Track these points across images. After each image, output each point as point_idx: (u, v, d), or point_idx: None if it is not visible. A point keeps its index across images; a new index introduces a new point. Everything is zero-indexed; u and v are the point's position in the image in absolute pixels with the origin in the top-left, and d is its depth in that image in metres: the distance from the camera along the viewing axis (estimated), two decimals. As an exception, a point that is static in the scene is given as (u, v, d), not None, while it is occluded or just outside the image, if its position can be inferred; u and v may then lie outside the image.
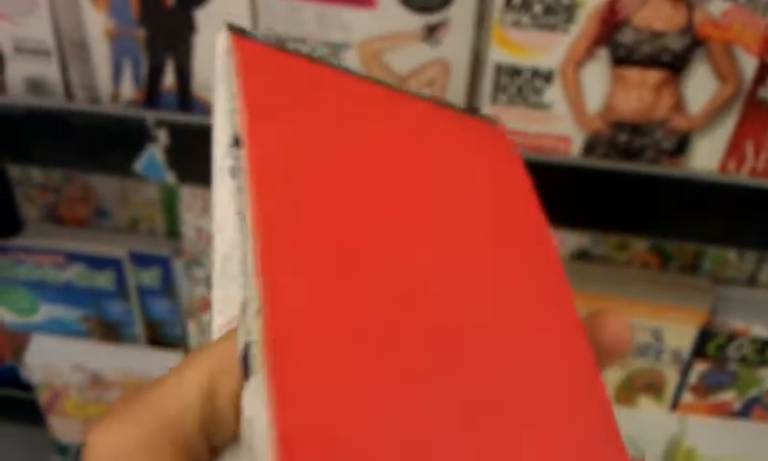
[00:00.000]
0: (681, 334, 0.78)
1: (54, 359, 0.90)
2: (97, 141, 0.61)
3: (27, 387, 0.95)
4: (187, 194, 0.77)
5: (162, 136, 0.59)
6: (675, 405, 0.84)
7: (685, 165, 0.57)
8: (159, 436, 0.27)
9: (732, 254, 0.78)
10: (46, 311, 0.89)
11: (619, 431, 0.30)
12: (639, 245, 0.77)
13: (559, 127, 0.56)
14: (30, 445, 1.03)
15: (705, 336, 0.78)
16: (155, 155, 0.60)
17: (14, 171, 0.84)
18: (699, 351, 0.79)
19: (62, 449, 0.99)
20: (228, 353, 0.29)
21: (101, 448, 0.27)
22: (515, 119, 0.57)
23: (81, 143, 0.61)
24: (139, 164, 0.61)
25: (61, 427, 0.97)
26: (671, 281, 0.77)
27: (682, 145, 0.57)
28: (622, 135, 0.56)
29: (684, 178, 0.56)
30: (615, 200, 0.57)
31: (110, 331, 0.89)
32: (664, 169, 0.56)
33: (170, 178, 0.61)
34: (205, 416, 0.28)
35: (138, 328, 0.88)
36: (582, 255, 0.78)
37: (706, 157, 0.57)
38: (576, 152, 0.57)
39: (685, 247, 0.77)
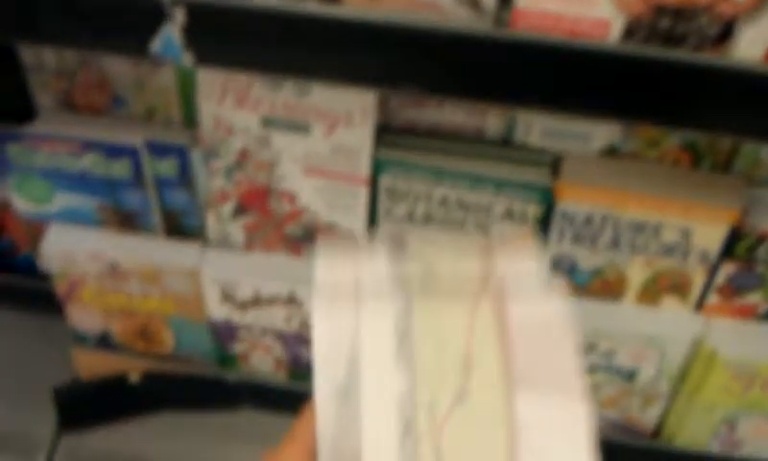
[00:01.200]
0: (710, 234, 0.76)
1: (71, 248, 0.89)
2: (111, 20, 0.59)
3: (44, 277, 0.95)
4: (204, 81, 0.75)
5: (179, 15, 0.56)
6: (699, 307, 0.83)
7: (729, 54, 0.54)
8: None
9: (766, 154, 0.75)
10: (62, 200, 0.87)
11: None
12: (671, 142, 0.75)
13: (597, 10, 0.53)
14: (48, 335, 1.03)
15: (734, 237, 0.76)
16: (171, 35, 0.58)
17: (28, 56, 0.81)
18: (727, 251, 0.77)
19: (80, 339, 0.99)
20: None
21: None
22: (550, 0, 0.54)
23: (95, 22, 0.59)
24: (155, 45, 0.58)
25: (79, 317, 0.97)
26: (702, 180, 0.75)
27: (726, 32, 0.54)
28: (664, 21, 0.53)
29: (728, 67, 0.53)
30: (654, 89, 0.54)
31: (127, 221, 0.88)
32: (707, 57, 0.54)
33: (187, 59, 0.59)
34: None
35: (155, 218, 0.87)
36: (611, 152, 0.76)
37: (751, 46, 0.54)
38: (614, 38, 0.55)
39: (719, 145, 0.74)
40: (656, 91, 0.55)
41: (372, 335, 0.42)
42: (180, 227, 0.89)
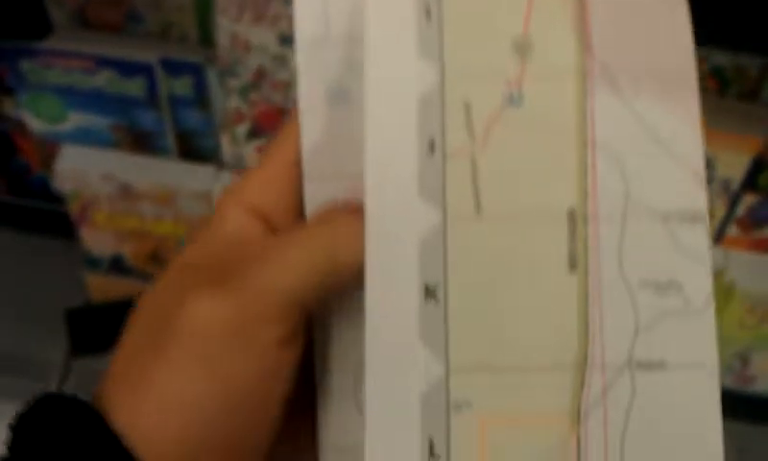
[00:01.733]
0: (733, 163, 0.74)
1: (84, 168, 0.88)
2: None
3: (58, 199, 0.94)
4: (222, -5, 0.73)
5: None
6: (719, 239, 0.82)
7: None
8: (263, 305, 0.28)
9: (793, 84, 0.74)
10: (75, 119, 0.87)
11: None
12: (699, 68, 0.73)
13: None
14: (61, 257, 1.03)
15: (758, 167, 0.75)
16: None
17: (41, -31, 0.80)
18: (750, 182, 0.76)
19: (93, 262, 0.99)
20: (345, 232, 0.29)
21: (201, 312, 0.28)
22: None
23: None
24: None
25: (92, 239, 0.96)
26: (728, 107, 0.73)
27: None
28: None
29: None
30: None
31: (141, 142, 0.87)
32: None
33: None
34: (316, 287, 0.29)
35: (170, 140, 0.86)
36: (636, 76, 0.74)
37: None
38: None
39: (746, 71, 0.73)
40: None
41: (379, 7, 0.30)
42: (195, 149, 0.88)
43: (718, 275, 0.81)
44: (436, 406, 0.29)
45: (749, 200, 0.78)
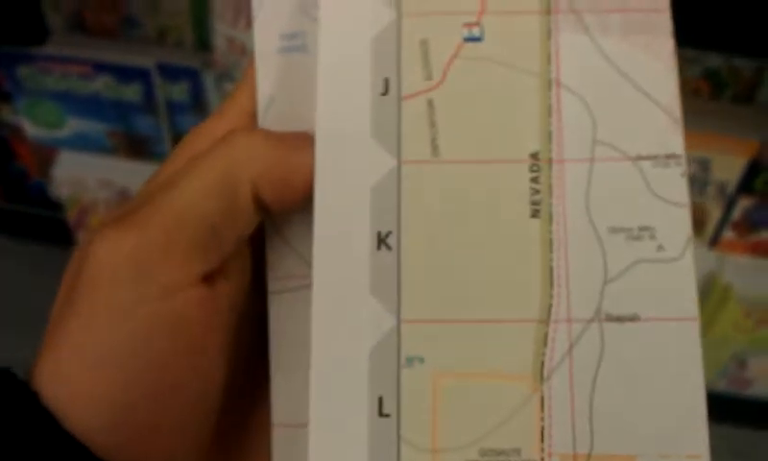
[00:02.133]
0: (728, 166, 0.75)
1: (81, 174, 0.88)
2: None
3: (55, 206, 0.94)
4: (219, 1, 0.73)
5: None
6: (714, 243, 0.82)
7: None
8: (168, 237, 0.25)
9: (787, 87, 0.74)
10: (73, 125, 0.87)
11: None
12: (692, 71, 0.73)
13: None
14: (59, 264, 1.03)
15: (753, 170, 0.75)
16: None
17: (38, -25, 0.80)
18: (745, 185, 0.76)
19: (91, 268, 0.99)
20: (242, 148, 0.27)
21: (104, 253, 0.25)
22: None
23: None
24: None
25: (90, 245, 0.96)
26: (723, 110, 0.74)
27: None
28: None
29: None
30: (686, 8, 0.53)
31: (138, 147, 0.87)
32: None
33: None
34: (221, 211, 0.26)
35: (167, 145, 0.87)
36: (631, 79, 0.75)
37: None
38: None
39: (741, 74, 0.73)
40: (688, 10, 0.54)
41: None
42: (192, 154, 0.88)
43: (713, 278, 0.81)
44: (386, 361, 0.27)
45: (744, 203, 0.78)
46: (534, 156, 0.28)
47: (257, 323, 0.29)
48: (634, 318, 0.27)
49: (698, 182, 0.76)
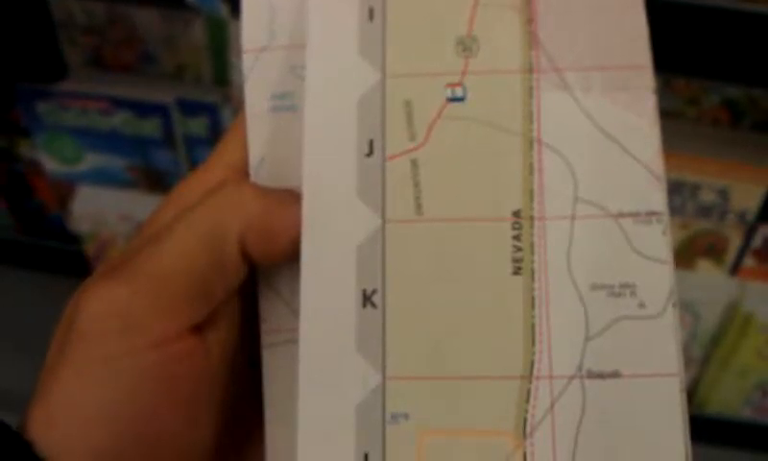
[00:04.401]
0: (748, 195, 0.74)
1: (101, 209, 0.89)
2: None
3: (74, 239, 0.95)
4: (238, 35, 0.74)
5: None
6: (735, 270, 0.82)
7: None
8: (157, 289, 0.26)
9: (806, 114, 0.74)
10: (91, 160, 0.87)
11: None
12: (711, 100, 0.73)
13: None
14: (76, 297, 1.03)
15: (773, 198, 0.75)
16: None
17: (57, 12, 0.81)
18: (766, 213, 0.76)
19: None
20: (231, 200, 0.27)
21: (94, 305, 0.25)
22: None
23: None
24: (191, -6, 0.58)
25: (108, 279, 0.97)
26: (742, 139, 0.74)
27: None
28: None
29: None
30: (707, 38, 0.53)
31: (157, 181, 0.88)
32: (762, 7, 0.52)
33: (223, 10, 0.58)
34: (209, 263, 0.27)
35: (185, 179, 0.87)
36: (649, 109, 0.75)
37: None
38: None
39: (760, 103, 0.73)
40: (711, 40, 0.54)
41: (321, 7, 0.30)
42: (210, 187, 0.88)
43: (735, 306, 0.81)
44: (372, 418, 0.27)
45: (765, 231, 0.78)
46: (516, 214, 0.28)
47: (250, 373, 0.30)
48: (615, 374, 0.27)
49: (718, 211, 0.76)
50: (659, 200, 0.28)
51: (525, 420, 0.27)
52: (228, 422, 0.29)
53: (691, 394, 0.92)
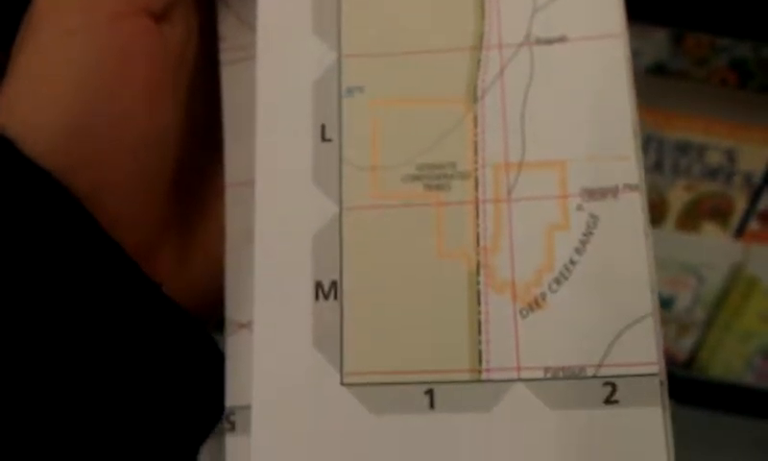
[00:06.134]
0: (755, 156, 0.74)
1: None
2: None
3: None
4: None
5: None
6: (740, 233, 0.82)
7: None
8: None
9: (817, 76, 0.74)
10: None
11: None
12: (719, 60, 0.73)
13: None
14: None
15: (781, 160, 0.74)
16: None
17: None
18: (772, 176, 0.76)
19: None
20: None
21: None
22: None
23: None
24: None
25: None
26: (750, 100, 0.73)
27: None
28: None
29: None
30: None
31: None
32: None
33: None
34: None
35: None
36: (658, 69, 0.74)
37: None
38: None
39: (769, 64, 0.72)
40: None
41: None
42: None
43: (739, 269, 0.81)
44: (328, 92, 0.28)
45: (772, 193, 0.78)
46: None
47: (210, 90, 0.30)
48: (562, 39, 0.28)
49: (724, 173, 0.76)
50: None
51: (476, 86, 0.28)
52: (190, 136, 0.30)
53: (693, 357, 0.92)
